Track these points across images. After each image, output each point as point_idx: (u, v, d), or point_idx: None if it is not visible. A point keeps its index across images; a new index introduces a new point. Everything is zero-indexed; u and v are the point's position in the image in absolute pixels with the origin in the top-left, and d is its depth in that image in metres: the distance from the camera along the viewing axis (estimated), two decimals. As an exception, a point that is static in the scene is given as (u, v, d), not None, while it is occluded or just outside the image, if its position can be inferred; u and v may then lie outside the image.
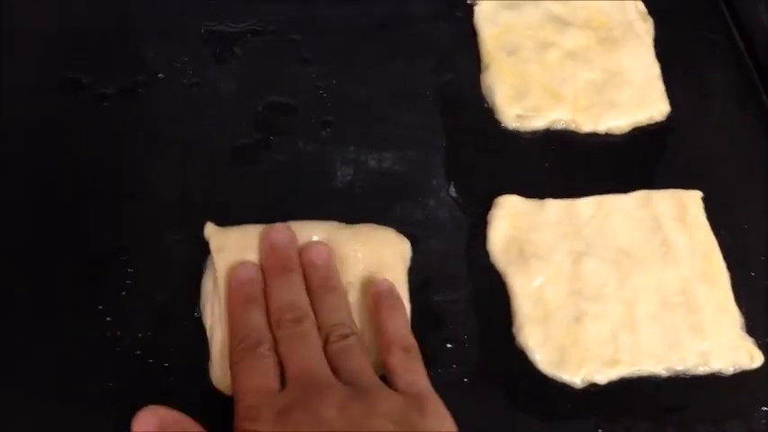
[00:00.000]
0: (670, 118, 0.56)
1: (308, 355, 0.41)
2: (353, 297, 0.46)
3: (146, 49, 0.56)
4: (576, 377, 0.45)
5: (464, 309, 0.48)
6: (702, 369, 0.46)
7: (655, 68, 0.57)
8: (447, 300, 0.48)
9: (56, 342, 0.45)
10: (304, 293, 0.44)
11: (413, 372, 0.42)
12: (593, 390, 0.45)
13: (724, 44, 0.60)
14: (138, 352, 0.45)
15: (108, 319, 0.45)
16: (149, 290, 0.47)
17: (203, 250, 0.47)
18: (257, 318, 0.43)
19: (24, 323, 0.45)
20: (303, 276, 0.45)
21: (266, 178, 0.52)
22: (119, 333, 0.45)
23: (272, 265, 0.45)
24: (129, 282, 0.47)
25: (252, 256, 0.46)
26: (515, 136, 0.54)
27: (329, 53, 0.57)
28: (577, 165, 0.54)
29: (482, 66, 0.57)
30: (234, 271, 0.45)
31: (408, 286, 0.47)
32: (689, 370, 0.46)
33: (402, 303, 0.46)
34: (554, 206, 0.51)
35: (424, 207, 0.51)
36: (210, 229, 0.47)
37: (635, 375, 0.46)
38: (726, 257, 0.49)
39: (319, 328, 0.43)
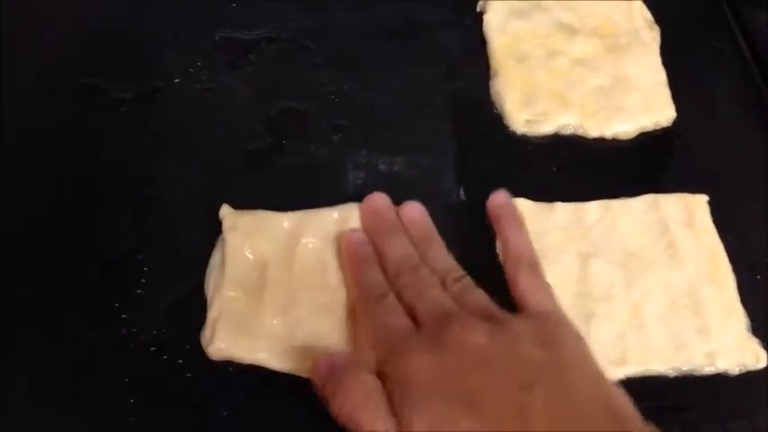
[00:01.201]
0: (676, 123, 0.56)
1: (436, 295, 0.43)
2: None
3: (162, 56, 0.57)
4: (584, 377, 0.46)
5: (473, 310, 0.48)
6: (709, 369, 0.46)
7: (661, 75, 0.58)
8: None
9: (73, 338, 0.46)
10: (413, 247, 0.47)
11: (541, 290, 0.45)
12: (600, 389, 0.46)
13: (730, 52, 0.61)
14: (153, 348, 0.45)
15: (124, 316, 0.46)
16: (164, 288, 0.47)
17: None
18: (376, 274, 0.45)
19: (42, 320, 0.46)
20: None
21: (279, 181, 0.53)
22: (134, 330, 0.46)
23: (379, 226, 0.48)
24: (144, 280, 0.48)
25: (261, 238, 0.48)
26: (524, 141, 0.55)
27: (341, 60, 0.58)
28: (585, 169, 0.54)
29: (491, 72, 0.58)
30: (343, 238, 0.48)
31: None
32: (695, 370, 0.46)
33: (521, 216, 0.48)
34: (562, 209, 0.52)
35: (434, 210, 0.52)
36: (225, 211, 0.49)
37: (642, 375, 0.46)
38: (731, 260, 0.50)
39: (433, 274, 0.45)
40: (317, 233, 0.49)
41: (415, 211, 0.49)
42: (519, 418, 0.37)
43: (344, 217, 0.49)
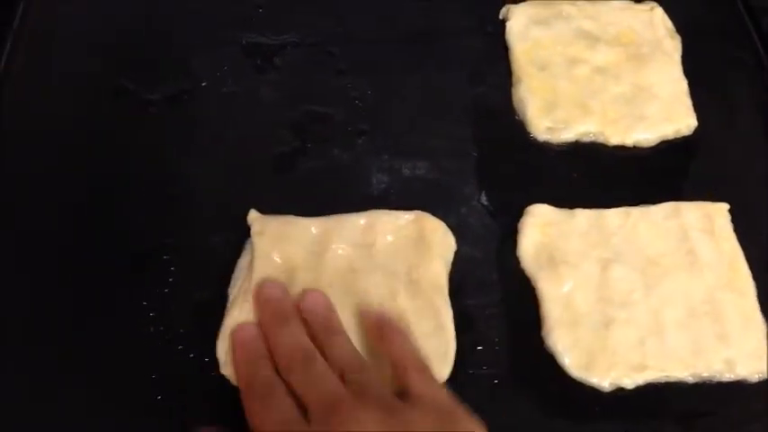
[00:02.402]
0: (697, 132, 0.57)
1: (329, 386, 0.41)
2: (390, 280, 0.48)
3: (190, 60, 0.59)
4: (604, 381, 0.46)
5: (495, 313, 0.49)
6: (728, 376, 0.47)
7: (682, 84, 0.58)
8: (478, 304, 0.49)
9: (102, 335, 0.47)
10: (307, 338, 0.44)
11: (432, 388, 0.43)
12: (620, 394, 0.46)
13: (750, 61, 0.62)
14: (180, 347, 0.46)
15: (151, 314, 0.47)
16: (191, 288, 0.48)
17: (242, 251, 0.49)
18: (265, 371, 0.43)
19: (72, 317, 0.47)
20: (304, 325, 0.45)
21: (303, 184, 0.53)
22: (161, 328, 0.47)
23: (270, 317, 0.46)
24: (171, 280, 0.49)
25: (288, 243, 0.48)
26: (545, 147, 0.56)
27: (365, 65, 0.59)
28: (605, 176, 0.55)
29: (513, 80, 0.59)
30: (235, 333, 0.45)
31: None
32: (714, 376, 0.47)
33: (401, 325, 0.46)
34: (583, 215, 0.52)
35: (456, 214, 0.52)
36: (253, 216, 0.50)
37: (662, 381, 0.47)
38: (751, 268, 0.50)
39: (331, 367, 0.43)
40: (346, 239, 0.49)
41: (314, 299, 0.46)
42: None
43: (371, 223, 0.50)
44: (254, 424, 0.41)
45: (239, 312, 0.46)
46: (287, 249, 0.49)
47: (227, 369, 0.45)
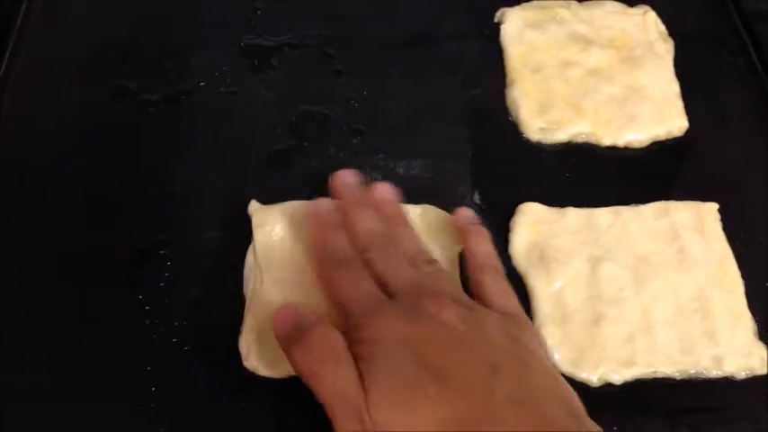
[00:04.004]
0: (688, 133, 0.57)
1: (408, 270, 0.42)
2: None
3: (189, 60, 0.59)
4: (592, 376, 0.47)
5: (486, 309, 0.49)
6: (715, 373, 0.47)
7: (674, 86, 0.59)
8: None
9: (99, 328, 0.47)
10: (383, 224, 0.45)
11: (505, 292, 0.44)
12: (608, 389, 0.47)
13: (742, 65, 0.62)
14: (175, 340, 0.47)
15: (147, 308, 0.48)
16: (187, 282, 0.49)
17: (238, 247, 0.50)
18: (342, 239, 0.44)
19: (71, 310, 0.48)
20: None
21: (299, 182, 0.54)
22: (157, 321, 0.48)
23: (349, 200, 0.47)
24: (167, 274, 0.49)
25: (291, 230, 0.49)
26: (538, 148, 0.57)
27: (361, 66, 0.60)
28: (597, 176, 0.56)
29: (507, 81, 0.59)
30: (310, 207, 0.47)
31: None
32: (702, 373, 0.47)
33: (485, 228, 0.47)
34: (575, 214, 0.53)
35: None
36: (254, 206, 0.50)
37: (650, 377, 0.47)
38: (740, 267, 0.51)
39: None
40: None
41: (386, 190, 0.48)
42: (484, 392, 0.37)
43: None
44: (333, 293, 0.42)
45: (258, 307, 0.47)
46: (290, 239, 0.49)
47: (250, 361, 0.45)
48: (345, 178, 0.48)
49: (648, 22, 0.62)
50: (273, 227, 0.49)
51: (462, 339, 0.39)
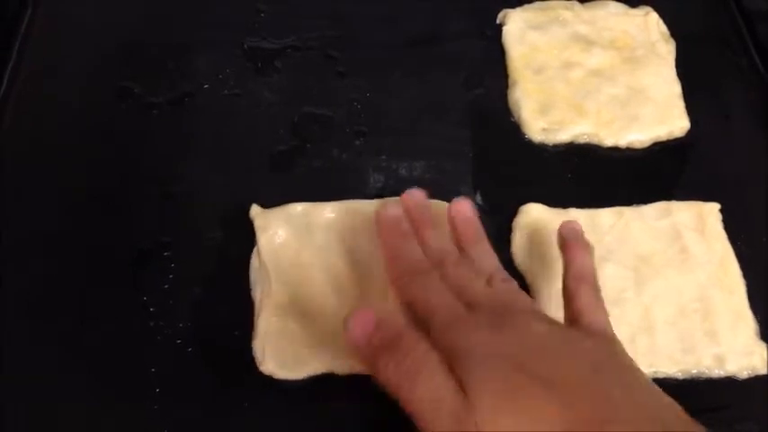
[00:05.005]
0: (690, 134, 0.58)
1: (484, 287, 0.42)
2: None
3: (192, 62, 0.60)
4: (594, 376, 0.47)
5: (488, 309, 0.50)
6: (717, 372, 0.47)
7: (676, 87, 0.59)
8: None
9: (103, 329, 0.48)
10: (454, 245, 0.45)
11: (599, 311, 0.43)
12: (610, 389, 0.47)
13: (744, 65, 0.62)
14: (179, 341, 0.47)
15: (151, 309, 0.48)
16: (190, 284, 0.49)
17: (241, 248, 0.51)
18: (418, 251, 0.44)
19: (74, 311, 0.48)
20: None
21: (302, 183, 0.54)
22: (161, 323, 0.48)
23: (420, 218, 0.47)
24: (171, 276, 0.50)
25: (293, 233, 0.49)
26: (540, 148, 0.57)
27: (364, 68, 0.60)
28: (599, 177, 0.56)
29: (509, 82, 0.60)
30: (384, 208, 0.46)
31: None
32: (704, 373, 0.47)
33: (588, 243, 0.46)
34: (576, 215, 0.53)
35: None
36: (255, 211, 0.51)
37: (652, 377, 0.47)
38: (742, 267, 0.51)
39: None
40: (359, 226, 0.50)
41: (464, 207, 0.47)
42: (599, 393, 0.36)
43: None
44: (412, 300, 0.41)
45: (269, 311, 0.47)
46: (295, 242, 0.49)
47: (266, 366, 0.46)
48: (415, 198, 0.48)
49: (650, 23, 0.62)
50: (276, 230, 0.50)
51: (555, 346, 0.39)
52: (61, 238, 0.51)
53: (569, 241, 0.46)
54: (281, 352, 0.46)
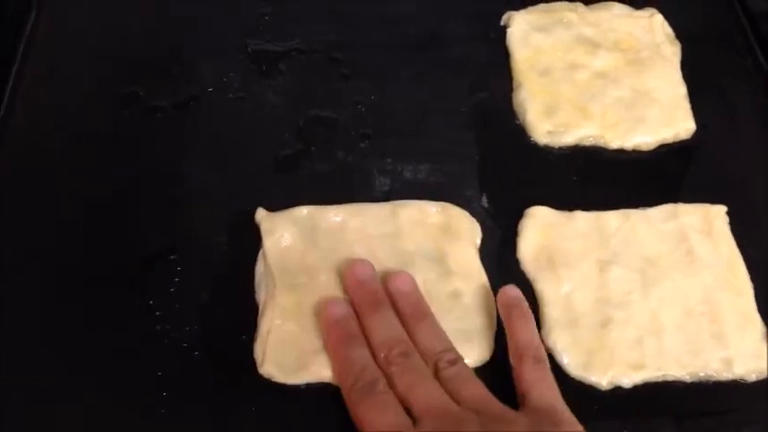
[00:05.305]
0: (696, 136, 0.57)
1: (430, 389, 0.42)
2: (422, 268, 0.49)
3: (197, 66, 0.60)
4: (602, 380, 0.47)
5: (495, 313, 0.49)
6: (725, 375, 0.47)
7: (681, 88, 0.59)
8: (478, 304, 0.50)
9: (109, 333, 0.48)
10: (401, 326, 0.45)
11: (544, 382, 0.43)
12: (618, 392, 0.47)
13: (749, 66, 0.62)
14: (185, 344, 0.47)
15: (158, 313, 0.48)
16: (196, 287, 0.49)
17: (247, 251, 0.50)
18: (364, 355, 0.44)
19: (82, 315, 0.48)
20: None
21: (307, 186, 0.54)
22: (167, 326, 0.48)
23: (364, 300, 0.46)
24: (177, 279, 0.50)
25: (299, 236, 0.49)
26: (546, 151, 0.57)
27: (369, 71, 0.60)
28: (605, 179, 0.56)
29: (514, 84, 0.60)
30: (325, 309, 0.46)
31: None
32: (712, 376, 0.47)
33: (529, 310, 0.47)
34: (582, 218, 0.53)
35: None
36: (261, 214, 0.51)
37: (659, 380, 0.47)
38: (749, 269, 0.51)
39: (423, 357, 0.44)
40: (369, 228, 0.51)
41: (402, 281, 0.47)
42: None
43: (395, 212, 0.51)
44: (360, 422, 0.42)
45: (272, 315, 0.47)
46: (300, 245, 0.49)
47: (265, 368, 0.46)
48: (359, 275, 0.47)
49: (655, 25, 0.62)
50: (282, 234, 0.50)
51: None
52: (67, 242, 0.51)
53: (512, 311, 0.46)
54: (282, 355, 0.46)
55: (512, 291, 0.47)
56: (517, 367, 0.44)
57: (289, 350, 0.46)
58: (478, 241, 0.52)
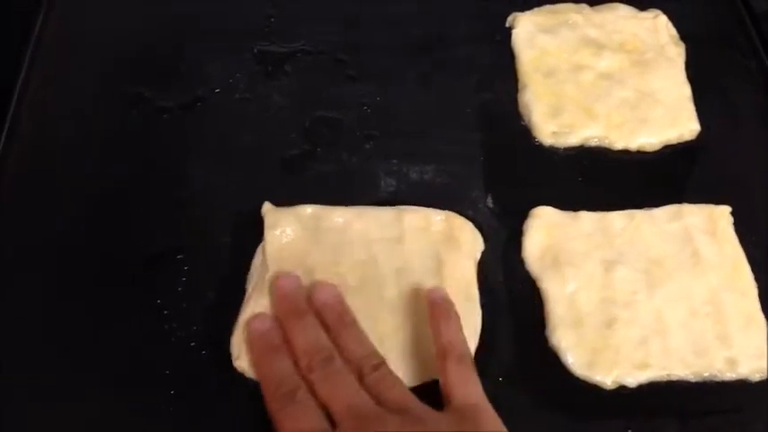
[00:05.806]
0: (700, 137, 0.58)
1: (350, 392, 0.42)
2: (418, 274, 0.49)
3: (203, 67, 0.60)
4: (607, 379, 0.47)
5: (500, 312, 0.50)
6: (729, 375, 0.47)
7: (686, 89, 0.59)
8: (484, 303, 0.50)
9: (118, 332, 0.48)
10: (324, 333, 0.46)
11: (467, 382, 0.43)
12: (623, 392, 0.47)
13: (753, 68, 0.63)
14: (193, 343, 0.48)
15: (165, 312, 0.49)
16: (203, 287, 0.50)
17: (253, 251, 0.51)
18: (286, 365, 0.44)
19: (90, 314, 0.49)
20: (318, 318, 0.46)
21: (313, 187, 0.54)
22: (175, 325, 0.48)
23: (287, 311, 0.47)
24: (184, 279, 0.50)
25: (301, 233, 0.50)
26: (551, 152, 0.57)
27: (374, 72, 0.60)
28: (610, 180, 0.56)
29: (519, 86, 0.60)
30: (251, 323, 0.46)
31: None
32: (716, 376, 0.48)
33: (456, 311, 0.46)
34: (587, 218, 0.53)
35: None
36: (267, 208, 0.51)
37: (664, 379, 0.47)
38: (753, 269, 0.51)
39: (347, 364, 0.44)
40: (371, 231, 0.51)
41: (326, 291, 0.47)
42: None
43: (399, 217, 0.51)
44: (281, 427, 0.42)
45: (254, 307, 0.47)
46: (301, 242, 0.50)
47: (240, 362, 0.46)
48: (283, 287, 0.48)
49: (659, 26, 0.62)
50: (285, 229, 0.50)
51: None
52: (75, 242, 0.51)
53: (434, 311, 0.46)
54: None
55: (437, 292, 0.47)
56: (441, 366, 0.44)
57: None
58: (479, 255, 0.52)
